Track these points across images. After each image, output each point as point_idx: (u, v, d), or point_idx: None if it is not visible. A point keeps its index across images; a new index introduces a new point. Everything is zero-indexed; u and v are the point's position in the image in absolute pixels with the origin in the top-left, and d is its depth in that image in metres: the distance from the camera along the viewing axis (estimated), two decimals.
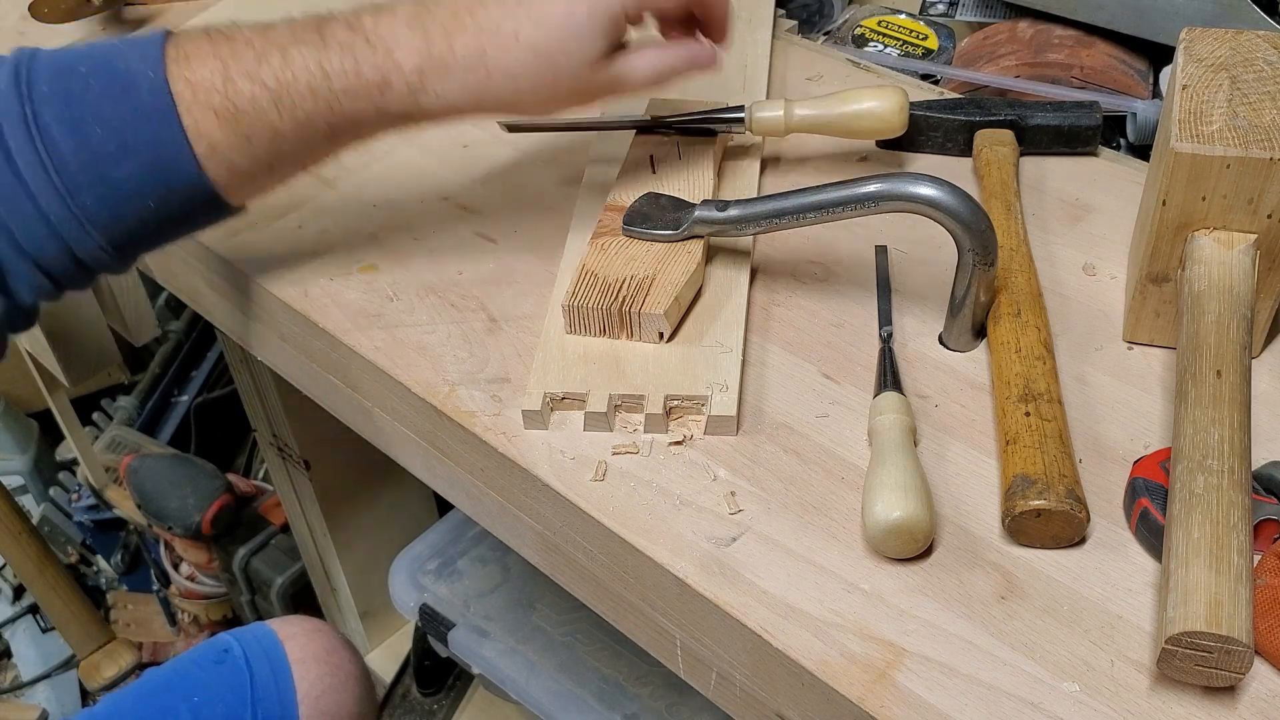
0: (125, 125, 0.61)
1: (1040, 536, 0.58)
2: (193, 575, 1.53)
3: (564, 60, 0.63)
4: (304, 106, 0.63)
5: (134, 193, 0.63)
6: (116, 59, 0.63)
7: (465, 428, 0.67)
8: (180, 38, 0.64)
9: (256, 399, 1.22)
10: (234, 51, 0.63)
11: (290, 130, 0.63)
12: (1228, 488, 0.53)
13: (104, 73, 0.62)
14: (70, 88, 0.62)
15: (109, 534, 1.67)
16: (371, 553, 1.37)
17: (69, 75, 0.62)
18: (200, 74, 0.62)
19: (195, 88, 0.62)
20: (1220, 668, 0.50)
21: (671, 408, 0.66)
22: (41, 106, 0.61)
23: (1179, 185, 0.62)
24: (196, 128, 0.62)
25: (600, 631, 1.18)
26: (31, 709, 1.58)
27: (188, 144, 0.62)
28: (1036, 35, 0.96)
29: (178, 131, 0.62)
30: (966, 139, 0.83)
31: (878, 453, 0.60)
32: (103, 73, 0.62)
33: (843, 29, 1.05)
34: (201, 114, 0.62)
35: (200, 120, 0.62)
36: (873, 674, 0.54)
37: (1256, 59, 0.65)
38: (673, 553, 0.60)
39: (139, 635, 1.61)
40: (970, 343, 0.69)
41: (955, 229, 0.64)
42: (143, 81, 0.62)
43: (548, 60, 0.63)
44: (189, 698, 0.94)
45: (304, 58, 0.63)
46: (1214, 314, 0.61)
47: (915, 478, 0.58)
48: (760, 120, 0.78)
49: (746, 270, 0.73)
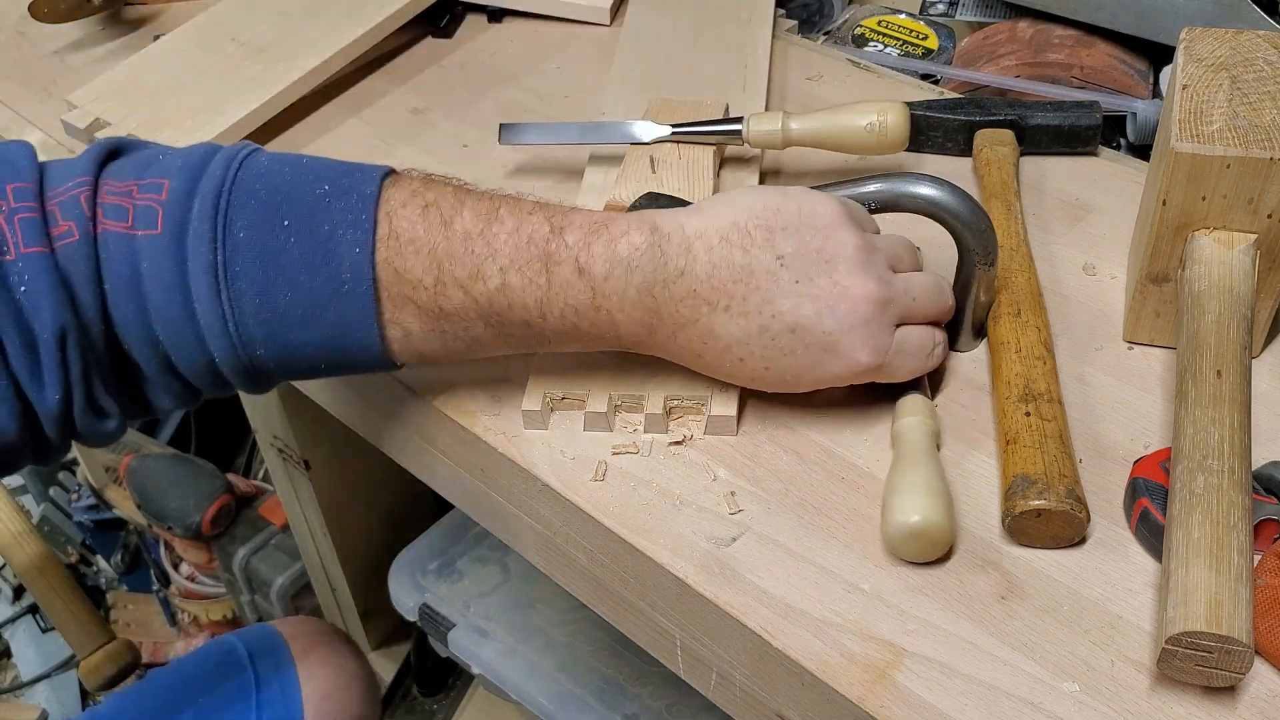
0: (318, 297, 0.57)
1: (1040, 536, 0.58)
2: (193, 575, 1.53)
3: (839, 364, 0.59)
4: (514, 332, 0.59)
5: (311, 357, 0.59)
6: (323, 217, 0.57)
7: (465, 428, 0.67)
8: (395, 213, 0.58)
9: (256, 399, 1.22)
10: (450, 252, 0.57)
11: (492, 341, 0.60)
12: (1228, 488, 0.53)
13: (307, 233, 0.57)
14: (269, 243, 0.57)
15: (109, 534, 1.67)
16: (371, 553, 1.37)
17: (270, 226, 0.57)
18: (410, 267, 0.57)
19: (402, 280, 0.57)
20: (1220, 668, 0.50)
21: (671, 408, 0.66)
22: (234, 255, 0.56)
23: (1179, 185, 0.62)
24: (394, 316, 0.58)
25: (600, 631, 1.18)
26: (31, 709, 1.58)
27: (379, 329, 0.58)
28: (1036, 35, 0.96)
29: (371, 317, 0.58)
30: (966, 139, 0.83)
31: (900, 456, 0.60)
32: (305, 232, 0.57)
33: (843, 29, 1.05)
34: (403, 306, 0.58)
35: (400, 311, 0.58)
36: (873, 674, 0.54)
37: (1256, 59, 0.65)
38: (673, 553, 0.60)
39: (139, 635, 1.61)
40: (970, 343, 0.69)
41: (955, 229, 0.64)
42: (347, 258, 0.57)
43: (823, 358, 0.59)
44: (194, 699, 0.94)
45: (524, 293, 0.57)
46: (1214, 314, 0.61)
47: (938, 482, 0.58)
48: (758, 134, 0.78)
49: None
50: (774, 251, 0.57)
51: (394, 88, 0.96)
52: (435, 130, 0.91)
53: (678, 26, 0.96)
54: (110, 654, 1.46)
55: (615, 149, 0.81)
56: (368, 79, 0.97)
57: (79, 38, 1.03)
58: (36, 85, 0.99)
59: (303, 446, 1.21)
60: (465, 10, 1.04)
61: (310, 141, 0.90)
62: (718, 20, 0.96)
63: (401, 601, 1.26)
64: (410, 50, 1.00)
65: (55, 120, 0.91)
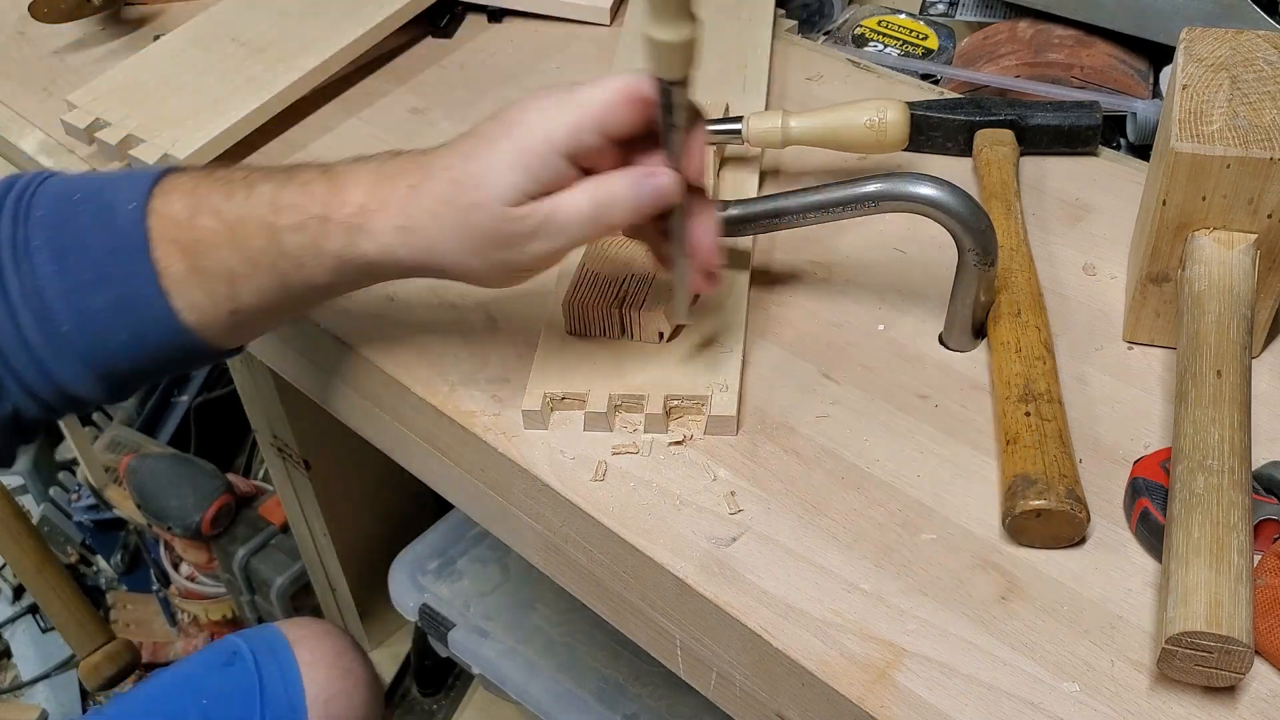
0: (103, 255, 0.60)
1: (1040, 536, 0.58)
2: (193, 575, 1.53)
3: (478, 195, 0.56)
4: (253, 243, 0.60)
5: (109, 324, 0.61)
6: (109, 188, 0.62)
7: (465, 428, 0.67)
8: (174, 172, 0.63)
9: (256, 399, 1.22)
10: (210, 187, 0.61)
11: (242, 268, 0.60)
12: (1228, 488, 0.53)
13: (94, 201, 0.62)
14: (62, 213, 0.61)
15: (109, 534, 1.67)
16: (371, 553, 1.37)
17: (65, 201, 0.62)
18: (173, 207, 0.61)
19: (165, 221, 0.60)
20: (1220, 668, 0.50)
21: (671, 408, 0.66)
22: (34, 231, 0.61)
23: (1179, 185, 0.62)
24: (166, 263, 0.60)
25: (600, 631, 1.18)
26: (31, 709, 1.58)
27: (156, 279, 0.60)
28: (1036, 35, 0.96)
29: (147, 265, 0.60)
30: (966, 139, 0.83)
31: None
32: (93, 201, 0.62)
33: (843, 29, 1.05)
34: (168, 248, 0.60)
35: (166, 254, 0.60)
36: (873, 674, 0.54)
37: (1256, 59, 0.65)
38: (673, 553, 0.60)
39: (139, 635, 1.61)
40: (970, 343, 0.69)
41: (955, 229, 0.64)
42: (123, 213, 0.61)
43: (464, 194, 0.56)
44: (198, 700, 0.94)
45: (263, 193, 0.60)
46: (1214, 314, 0.61)
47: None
48: (757, 132, 0.77)
49: (746, 270, 0.73)
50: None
51: (394, 88, 0.96)
52: (435, 130, 0.91)
53: None
54: (110, 654, 1.46)
55: None
56: (368, 79, 0.97)
57: (79, 38, 1.03)
58: (36, 85, 0.99)
59: (303, 446, 1.21)
60: (465, 10, 1.04)
61: (310, 141, 0.90)
62: (718, 20, 0.96)
63: (401, 601, 1.26)
64: (410, 50, 1.00)
65: (55, 120, 0.91)
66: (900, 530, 0.60)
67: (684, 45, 0.54)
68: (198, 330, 0.62)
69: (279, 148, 0.90)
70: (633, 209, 0.57)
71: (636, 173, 0.57)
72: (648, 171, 0.57)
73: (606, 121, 0.56)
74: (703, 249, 0.61)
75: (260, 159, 0.89)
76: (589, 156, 0.57)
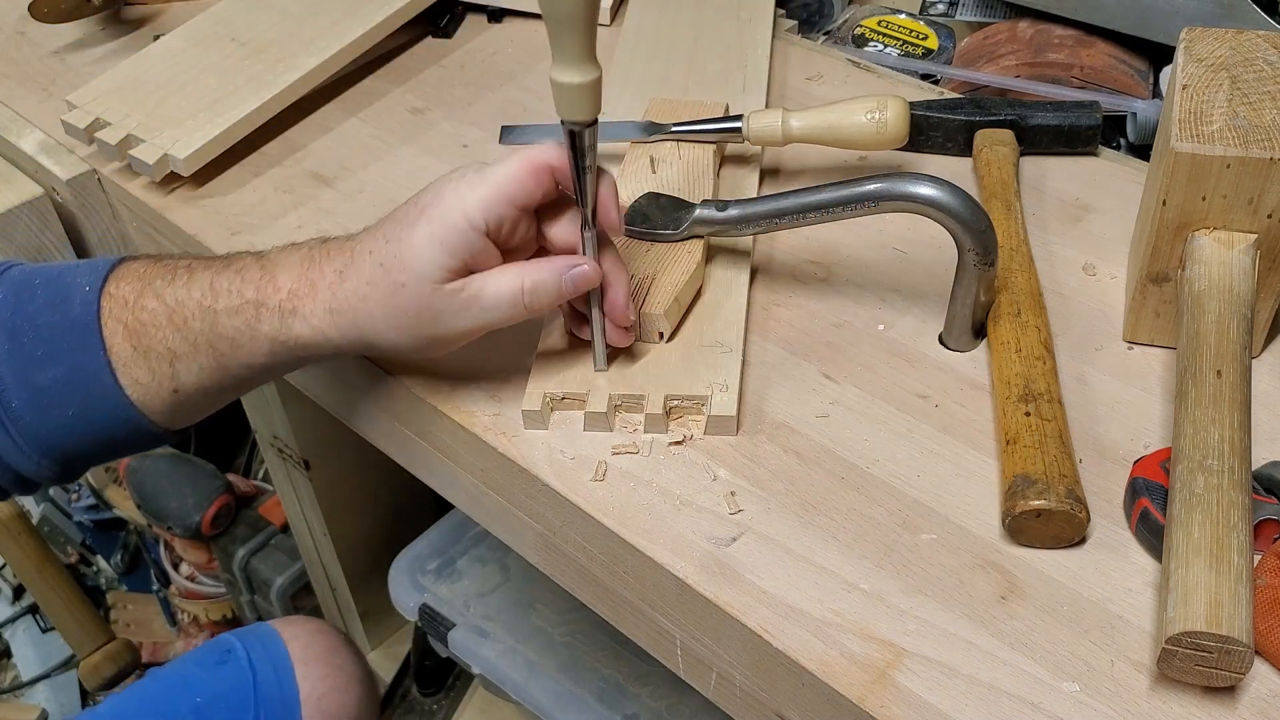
0: (55, 333, 0.63)
1: (1040, 536, 0.58)
2: (193, 575, 1.53)
3: (403, 276, 0.59)
4: (192, 324, 0.62)
5: (56, 399, 0.63)
6: (68, 274, 0.65)
7: (465, 428, 0.67)
8: (129, 260, 0.65)
9: (256, 399, 1.22)
10: (157, 272, 0.64)
11: (182, 349, 0.63)
12: (1228, 488, 0.53)
13: (53, 285, 0.64)
14: (21, 296, 0.64)
15: (109, 534, 1.67)
16: (371, 553, 1.37)
17: (26, 286, 0.64)
18: (123, 290, 0.63)
19: (115, 302, 0.63)
20: (1220, 668, 0.50)
21: (671, 408, 0.66)
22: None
23: (1179, 185, 0.62)
24: (112, 341, 0.63)
25: (600, 631, 1.18)
26: (31, 709, 1.58)
27: (105, 357, 0.62)
28: (1036, 35, 0.96)
29: (96, 343, 0.62)
30: (966, 139, 0.83)
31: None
32: (53, 285, 0.64)
33: (843, 29, 1.05)
34: (115, 327, 0.63)
35: (113, 334, 0.63)
36: (873, 674, 0.54)
37: (1256, 59, 0.65)
38: (673, 553, 0.60)
39: (139, 635, 1.61)
40: (970, 343, 0.69)
41: (955, 229, 0.64)
42: (78, 294, 0.63)
43: (388, 276, 0.59)
44: (192, 698, 0.94)
45: (202, 278, 0.63)
46: (1214, 314, 0.61)
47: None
48: (757, 130, 0.78)
49: (746, 270, 0.73)
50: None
51: (394, 88, 0.96)
52: (435, 130, 0.91)
53: (677, 26, 0.96)
54: (110, 654, 1.46)
55: (615, 149, 0.81)
56: (368, 79, 0.97)
57: (79, 38, 1.03)
58: (36, 85, 0.99)
59: (303, 446, 1.21)
60: (465, 10, 1.04)
61: (310, 141, 0.90)
62: (718, 20, 0.96)
63: (401, 601, 1.26)
64: (410, 50, 1.00)
65: (55, 120, 0.91)
66: (900, 530, 0.60)
67: (589, 87, 0.57)
68: (141, 407, 0.64)
69: (279, 148, 0.90)
70: (555, 296, 0.61)
71: (560, 263, 0.61)
72: (571, 262, 0.61)
73: (515, 194, 0.59)
74: (617, 309, 0.64)
75: (260, 159, 0.89)
76: (505, 229, 0.60)
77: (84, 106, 0.88)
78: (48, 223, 0.90)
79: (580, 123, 0.58)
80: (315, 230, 0.82)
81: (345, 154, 0.89)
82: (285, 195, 0.85)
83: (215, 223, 0.83)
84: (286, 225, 0.82)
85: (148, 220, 0.88)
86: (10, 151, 0.93)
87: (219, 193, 0.86)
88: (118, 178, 0.88)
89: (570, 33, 0.55)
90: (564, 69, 0.56)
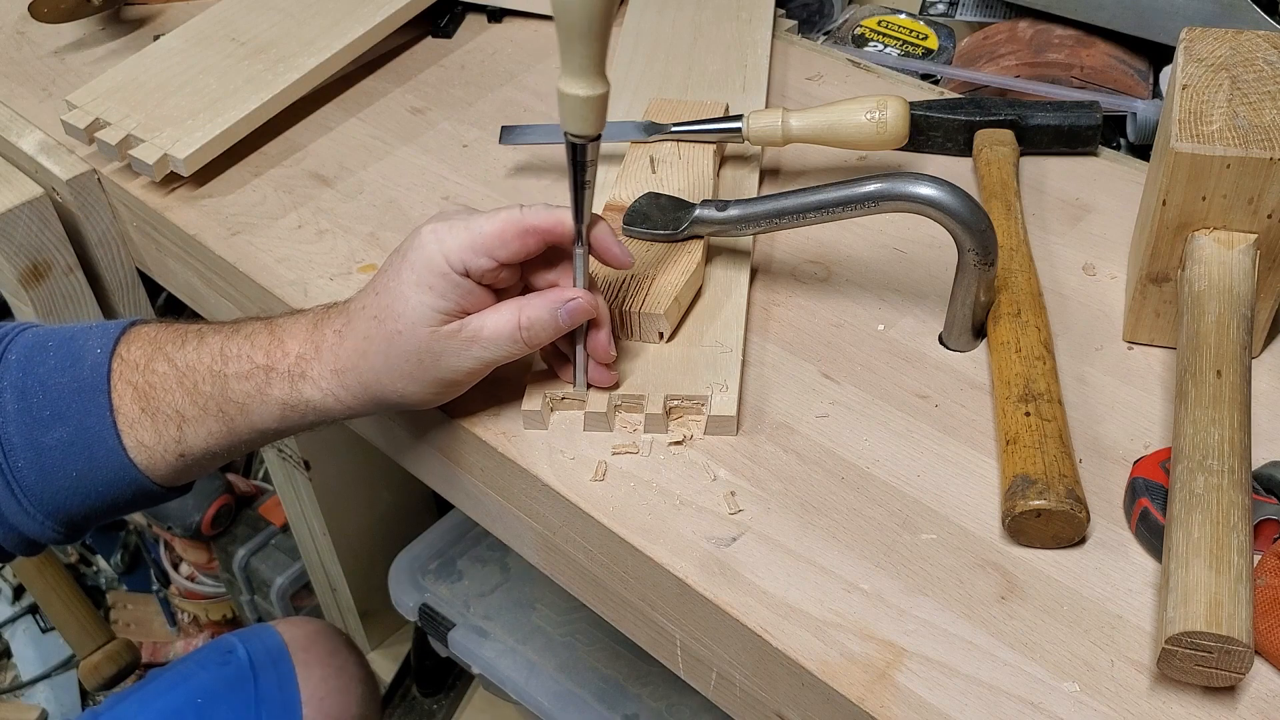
0: (63, 394, 0.63)
1: (1040, 536, 0.58)
2: (193, 575, 1.53)
3: (398, 324, 0.60)
4: (202, 388, 0.63)
5: (60, 461, 0.63)
6: (80, 336, 0.65)
7: (465, 428, 0.67)
8: (140, 323, 0.66)
9: None
10: (169, 336, 0.64)
11: (191, 412, 0.63)
12: (1228, 488, 0.53)
13: (65, 347, 0.64)
14: (33, 357, 0.64)
15: (109, 534, 1.67)
16: (371, 553, 1.37)
17: (40, 348, 0.65)
18: (134, 353, 0.64)
19: (125, 365, 0.64)
20: (1220, 668, 0.50)
21: (671, 408, 0.66)
22: (3, 373, 0.63)
23: (1179, 185, 0.62)
24: (119, 403, 0.63)
25: (600, 631, 1.18)
26: (31, 709, 1.58)
27: (111, 419, 0.63)
28: (1036, 35, 0.96)
29: (104, 404, 0.63)
30: (966, 139, 0.83)
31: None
32: (64, 347, 0.64)
33: (843, 29, 1.05)
34: (124, 390, 0.63)
35: (122, 396, 0.63)
36: (873, 674, 0.54)
37: (1256, 59, 0.65)
38: (673, 553, 0.60)
39: (139, 635, 1.61)
40: (970, 343, 0.69)
41: (955, 229, 0.64)
42: (89, 356, 0.64)
43: (383, 327, 0.60)
44: (193, 699, 0.94)
45: (213, 343, 0.63)
46: (1214, 314, 0.61)
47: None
48: (757, 130, 0.77)
49: (746, 270, 0.73)
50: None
51: (394, 88, 0.96)
52: (435, 130, 0.91)
53: (677, 26, 0.96)
54: (110, 654, 1.46)
55: (615, 149, 0.81)
56: (368, 79, 0.97)
57: (79, 38, 1.03)
58: (36, 85, 0.99)
59: (303, 446, 1.21)
60: (465, 10, 1.04)
61: (310, 141, 0.90)
62: (718, 20, 0.96)
63: (401, 601, 1.26)
64: (410, 50, 1.00)
65: (55, 120, 0.91)
66: (900, 530, 0.60)
67: (595, 101, 0.56)
68: (144, 469, 0.64)
69: (279, 147, 0.90)
70: (553, 331, 0.62)
71: (555, 296, 0.61)
72: (566, 296, 0.61)
73: (495, 250, 0.59)
74: (600, 349, 0.64)
75: (260, 159, 0.89)
76: (486, 277, 0.60)
77: (84, 106, 0.88)
78: (48, 223, 0.90)
79: (583, 136, 0.57)
80: (316, 230, 0.82)
81: (345, 154, 0.89)
82: (285, 195, 0.85)
83: (215, 223, 0.83)
84: (286, 225, 0.82)
85: (148, 220, 0.88)
86: (10, 151, 0.93)
87: (219, 193, 0.86)
88: (118, 178, 0.88)
89: (581, 43, 0.54)
90: (571, 80, 0.55)
